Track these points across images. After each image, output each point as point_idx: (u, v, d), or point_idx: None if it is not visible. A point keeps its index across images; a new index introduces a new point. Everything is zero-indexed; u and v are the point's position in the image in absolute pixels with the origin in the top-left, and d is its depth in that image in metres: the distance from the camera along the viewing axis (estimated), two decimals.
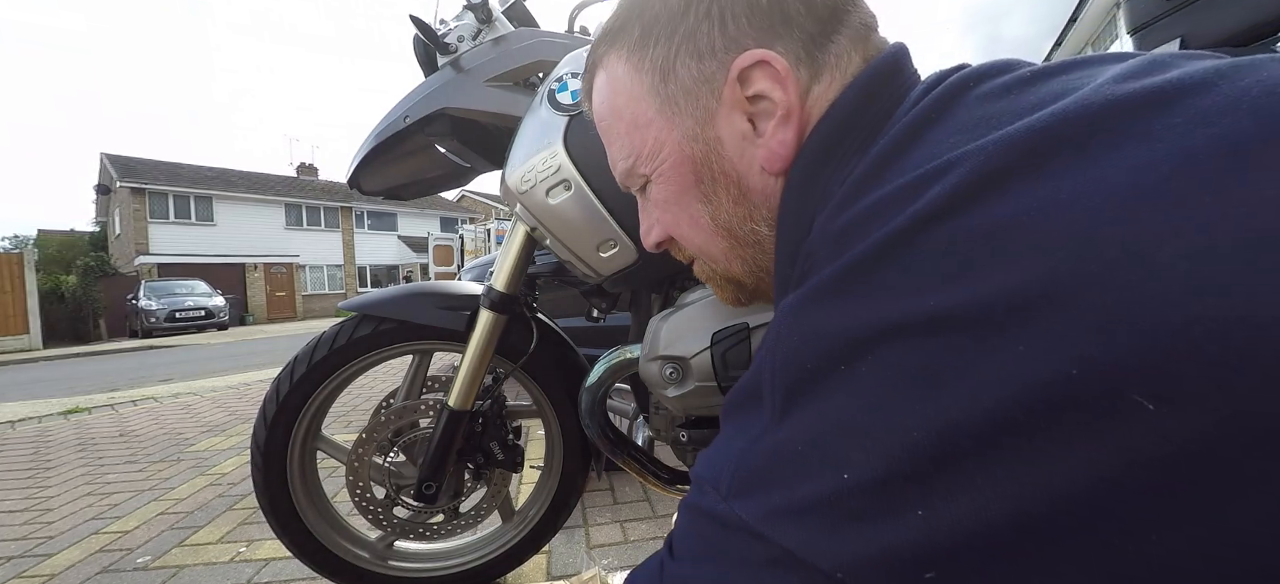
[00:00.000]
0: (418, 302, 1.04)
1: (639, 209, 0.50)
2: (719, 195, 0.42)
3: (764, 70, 0.38)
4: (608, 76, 0.45)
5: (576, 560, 1.39)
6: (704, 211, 0.43)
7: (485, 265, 3.38)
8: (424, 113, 0.99)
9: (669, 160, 0.43)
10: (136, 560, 1.53)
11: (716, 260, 0.46)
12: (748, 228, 0.42)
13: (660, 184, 0.44)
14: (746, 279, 0.46)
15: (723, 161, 0.41)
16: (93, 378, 6.63)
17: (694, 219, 0.44)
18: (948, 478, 0.23)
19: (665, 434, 1.02)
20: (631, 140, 0.44)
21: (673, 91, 0.41)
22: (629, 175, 0.46)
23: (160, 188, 20.02)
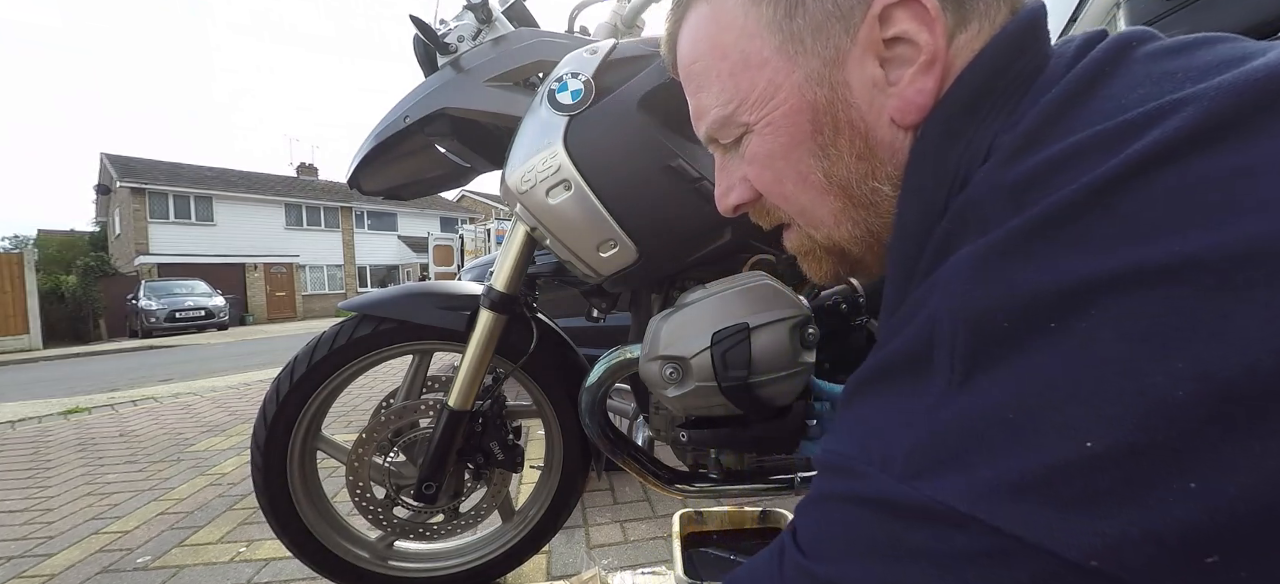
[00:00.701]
0: (418, 301, 1.04)
1: (717, 168, 0.45)
2: (840, 148, 0.38)
3: (911, 10, 0.34)
4: (711, 11, 0.41)
5: (576, 560, 1.39)
6: (817, 167, 0.39)
7: (485, 265, 3.38)
8: (424, 113, 0.99)
9: (783, 106, 0.38)
10: (136, 560, 1.53)
11: (821, 224, 0.41)
12: (867, 186, 0.38)
13: (766, 135, 0.39)
14: (852, 246, 0.41)
15: (849, 110, 0.37)
16: (93, 378, 6.63)
17: (803, 175, 0.39)
18: (1222, 441, 0.20)
19: (665, 434, 1.02)
20: (737, 83, 0.39)
21: (799, 27, 0.37)
22: (725, 125, 0.42)
23: (160, 188, 20.02)
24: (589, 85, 0.88)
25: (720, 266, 0.94)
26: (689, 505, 1.39)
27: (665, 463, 1.04)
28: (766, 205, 0.44)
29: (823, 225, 0.41)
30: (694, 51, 0.42)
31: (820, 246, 0.43)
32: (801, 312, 0.83)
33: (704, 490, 1.02)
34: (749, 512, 1.26)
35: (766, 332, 0.82)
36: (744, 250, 0.95)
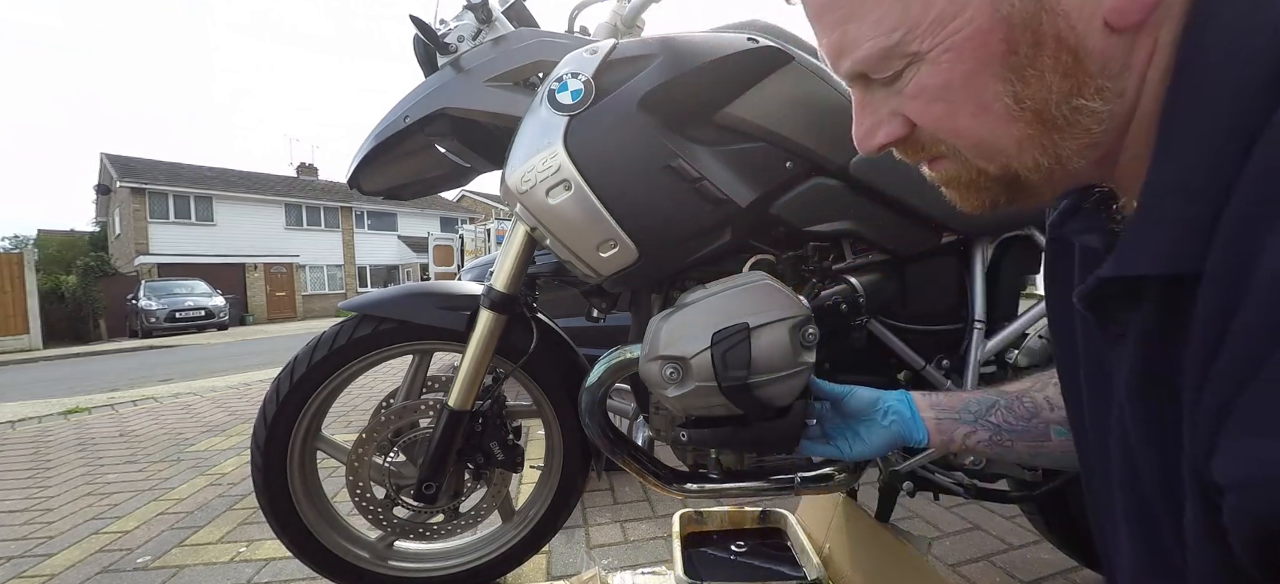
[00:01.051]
0: (418, 301, 1.04)
1: (856, 104, 0.40)
2: (1040, 67, 0.33)
3: None
4: None
5: (576, 560, 1.39)
6: (1004, 92, 0.34)
7: (485, 265, 3.38)
8: (424, 113, 0.99)
9: (968, 28, 0.33)
10: (136, 560, 1.54)
11: (996, 155, 0.36)
12: (1068, 106, 0.33)
13: (942, 63, 0.34)
14: (1032, 174, 0.36)
15: (1055, 19, 0.31)
16: (93, 378, 6.63)
17: (984, 105, 0.34)
18: None
19: (665, 434, 1.02)
20: (905, 8, 0.34)
21: None
22: (885, 57, 0.36)
23: (160, 188, 20.02)
24: (589, 85, 0.88)
25: (720, 266, 0.94)
26: (689, 505, 1.39)
27: (665, 463, 1.04)
28: (919, 139, 0.39)
29: (1000, 155, 0.36)
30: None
31: (990, 177, 0.38)
32: (801, 312, 0.83)
33: (704, 490, 1.02)
34: (749, 512, 1.26)
35: (766, 332, 0.82)
36: (744, 250, 0.95)
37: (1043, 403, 0.61)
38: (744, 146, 0.91)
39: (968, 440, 0.62)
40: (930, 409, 0.65)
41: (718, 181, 0.88)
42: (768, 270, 0.91)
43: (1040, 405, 0.61)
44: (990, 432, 0.61)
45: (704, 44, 0.91)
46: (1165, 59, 0.32)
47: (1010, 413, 0.61)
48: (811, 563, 1.07)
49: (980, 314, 0.95)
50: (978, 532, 1.45)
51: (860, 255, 0.97)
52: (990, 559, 1.32)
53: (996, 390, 0.63)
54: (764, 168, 0.91)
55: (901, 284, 0.98)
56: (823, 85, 0.95)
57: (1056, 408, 0.59)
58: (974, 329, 0.95)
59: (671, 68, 0.88)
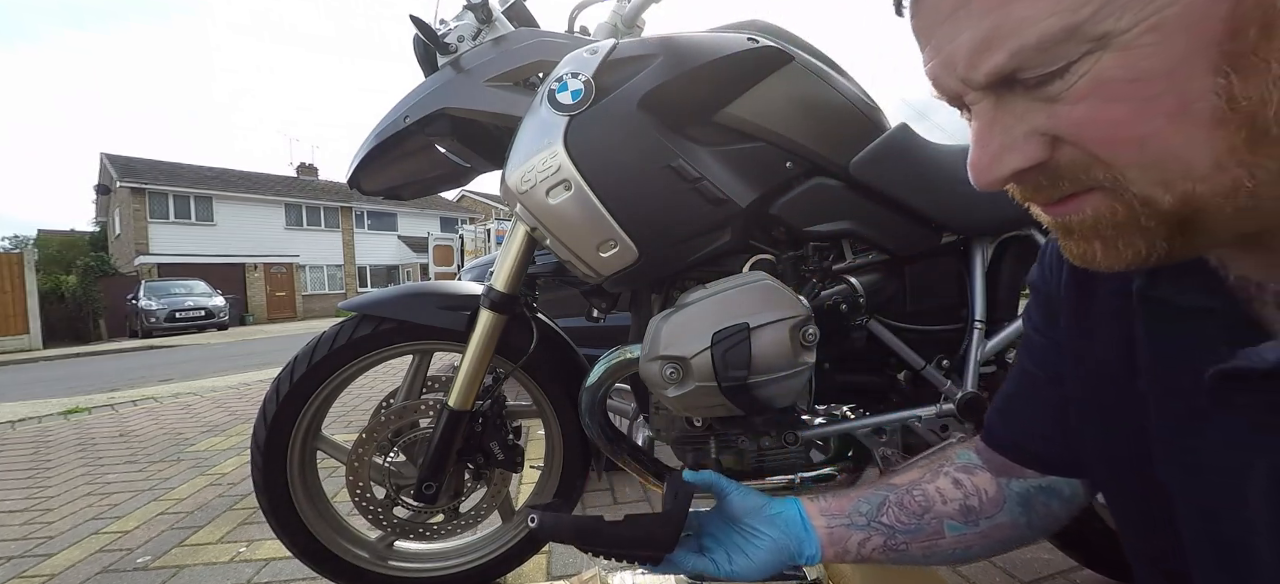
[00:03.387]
0: (418, 301, 1.04)
1: (979, 126, 0.32)
2: (1268, 58, 0.25)
3: None
4: None
5: (576, 560, 1.39)
6: (1213, 89, 0.26)
7: (485, 265, 3.38)
8: (424, 113, 0.99)
9: (1179, 4, 0.26)
10: (136, 560, 1.54)
11: (1182, 177, 0.28)
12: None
13: (1141, 46, 0.27)
14: (1217, 204, 0.28)
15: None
16: (93, 378, 6.63)
17: (1186, 104, 0.27)
18: None
19: (665, 434, 1.03)
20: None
21: None
22: (1064, 39, 0.28)
23: (160, 188, 20.03)
24: (589, 85, 0.88)
25: (720, 266, 0.94)
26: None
27: (665, 463, 1.04)
28: (1060, 166, 0.31)
29: (1187, 178, 0.28)
30: None
31: (1156, 213, 0.29)
32: (802, 311, 0.83)
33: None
34: None
35: (767, 332, 0.82)
36: (744, 250, 0.95)
37: (934, 495, 0.55)
38: (744, 147, 0.91)
39: (863, 548, 0.54)
40: (821, 516, 0.56)
41: (718, 182, 0.88)
42: (768, 270, 0.92)
43: (932, 499, 0.55)
44: (884, 535, 0.54)
45: (704, 44, 0.91)
46: None
47: (902, 511, 0.55)
48: None
49: (980, 314, 0.95)
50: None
51: (860, 255, 0.97)
52: (990, 559, 1.32)
53: (886, 484, 0.57)
54: (764, 168, 0.91)
55: (902, 284, 0.98)
56: (823, 85, 0.95)
57: (949, 500, 0.54)
58: (974, 329, 0.95)
59: (671, 68, 0.88)
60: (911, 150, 0.95)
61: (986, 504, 0.54)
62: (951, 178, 0.94)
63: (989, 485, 0.54)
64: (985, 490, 0.54)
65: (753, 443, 1.00)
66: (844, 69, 1.01)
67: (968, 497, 0.54)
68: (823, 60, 0.98)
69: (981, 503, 0.54)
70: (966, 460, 0.57)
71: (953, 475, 0.56)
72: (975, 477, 0.55)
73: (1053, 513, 0.54)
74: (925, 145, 0.97)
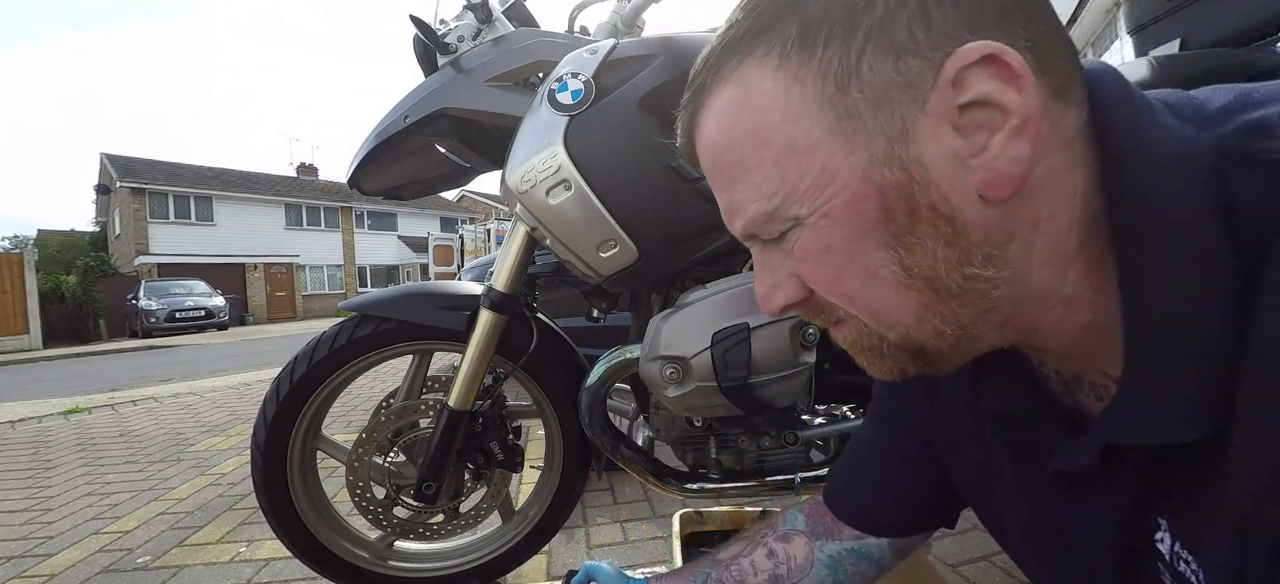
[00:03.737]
0: (418, 301, 1.04)
1: (756, 263, 0.40)
2: (919, 235, 0.32)
3: (993, 68, 0.30)
4: (742, 94, 0.35)
5: (576, 560, 1.39)
6: (889, 259, 0.33)
7: (485, 265, 3.38)
8: (424, 113, 0.99)
9: (843, 194, 0.33)
10: (136, 560, 1.54)
11: (896, 324, 0.35)
12: (959, 274, 0.32)
13: (821, 228, 0.34)
14: (936, 343, 0.35)
15: (927, 190, 0.31)
16: (93, 378, 6.63)
17: (871, 271, 0.34)
18: None
19: (665, 434, 1.03)
20: (783, 173, 0.34)
21: (855, 102, 0.32)
22: (768, 220, 0.36)
23: (160, 188, 20.02)
24: (589, 85, 0.88)
25: (720, 266, 0.94)
26: (689, 505, 1.39)
27: (665, 463, 1.04)
28: (820, 303, 0.38)
29: (899, 325, 0.35)
30: (724, 141, 0.36)
31: (893, 345, 0.37)
32: None
33: (704, 490, 1.02)
34: (749, 512, 1.26)
35: (767, 332, 0.82)
36: (744, 250, 0.95)
37: (748, 568, 0.59)
38: None
39: None
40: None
41: None
42: None
43: (746, 572, 0.59)
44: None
45: (704, 44, 0.91)
46: (1070, 218, 0.32)
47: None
48: None
49: None
50: (978, 531, 1.45)
51: None
52: (990, 559, 1.32)
53: (711, 560, 0.62)
54: None
55: None
56: None
57: (760, 571, 0.59)
58: None
59: (671, 68, 0.88)
60: None
61: (794, 571, 0.58)
62: None
63: (800, 551, 0.59)
64: (795, 557, 0.59)
65: (753, 443, 1.00)
66: None
67: (777, 566, 0.58)
68: None
69: (790, 570, 0.58)
70: (789, 526, 0.61)
71: (769, 545, 0.60)
72: (790, 543, 0.59)
73: (862, 573, 0.58)
74: None
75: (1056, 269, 0.32)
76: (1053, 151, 0.31)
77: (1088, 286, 0.33)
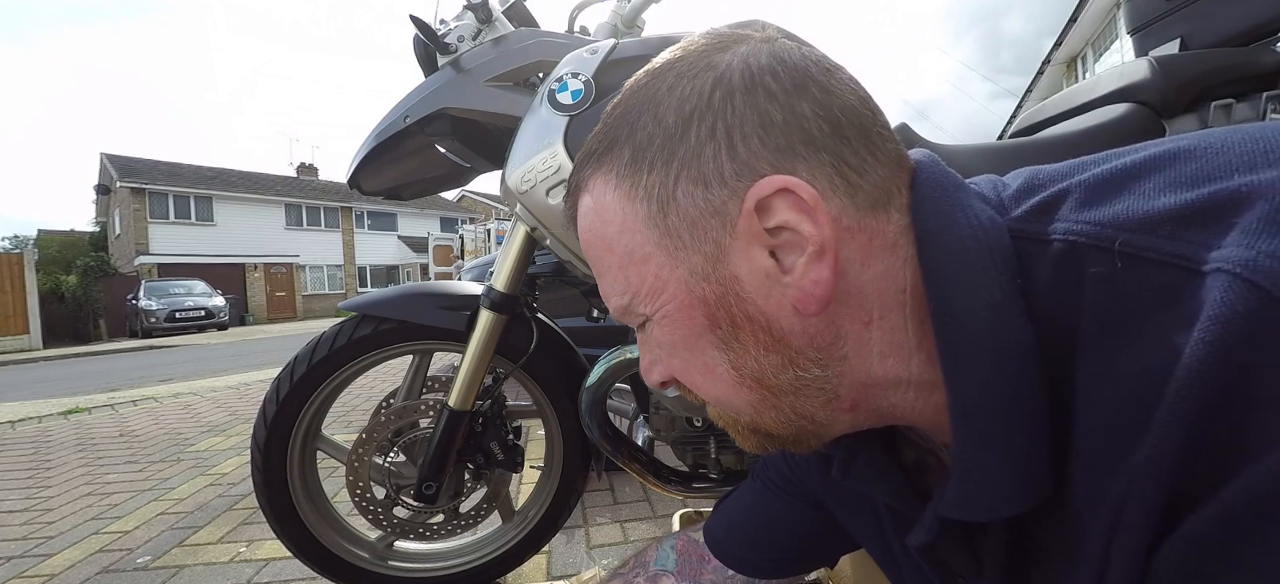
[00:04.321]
0: (418, 301, 1.04)
1: (638, 341, 0.43)
2: (743, 341, 0.35)
3: (788, 200, 0.32)
4: (593, 202, 0.38)
5: (576, 560, 1.39)
6: (721, 359, 0.36)
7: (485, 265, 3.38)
8: (424, 113, 0.99)
9: (674, 301, 0.36)
10: (136, 560, 1.54)
11: (738, 412, 0.39)
12: (787, 375, 0.35)
13: (663, 326, 0.37)
14: (780, 429, 0.38)
15: (743, 303, 0.34)
16: (93, 378, 6.63)
17: (708, 367, 0.37)
18: None
19: (665, 434, 1.03)
20: (626, 276, 0.37)
21: (674, 224, 0.34)
22: (626, 313, 0.39)
23: (160, 188, 20.03)
24: (589, 85, 0.88)
25: None
26: (689, 505, 1.39)
27: (665, 463, 1.04)
28: None
29: (744, 414, 0.38)
30: (586, 239, 0.40)
31: (745, 426, 0.40)
32: None
33: (704, 490, 1.02)
34: None
35: None
36: None
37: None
38: None
39: None
40: None
41: None
42: None
43: None
44: None
45: None
46: (902, 313, 0.33)
47: None
48: None
49: None
50: None
51: None
52: None
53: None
54: None
55: None
56: None
57: None
58: None
59: None
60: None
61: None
62: None
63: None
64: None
65: None
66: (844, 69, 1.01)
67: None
68: None
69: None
70: (660, 566, 0.62)
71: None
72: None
73: None
74: (924, 145, 0.97)
75: (898, 358, 0.34)
76: (875, 257, 0.33)
77: (933, 371, 0.33)
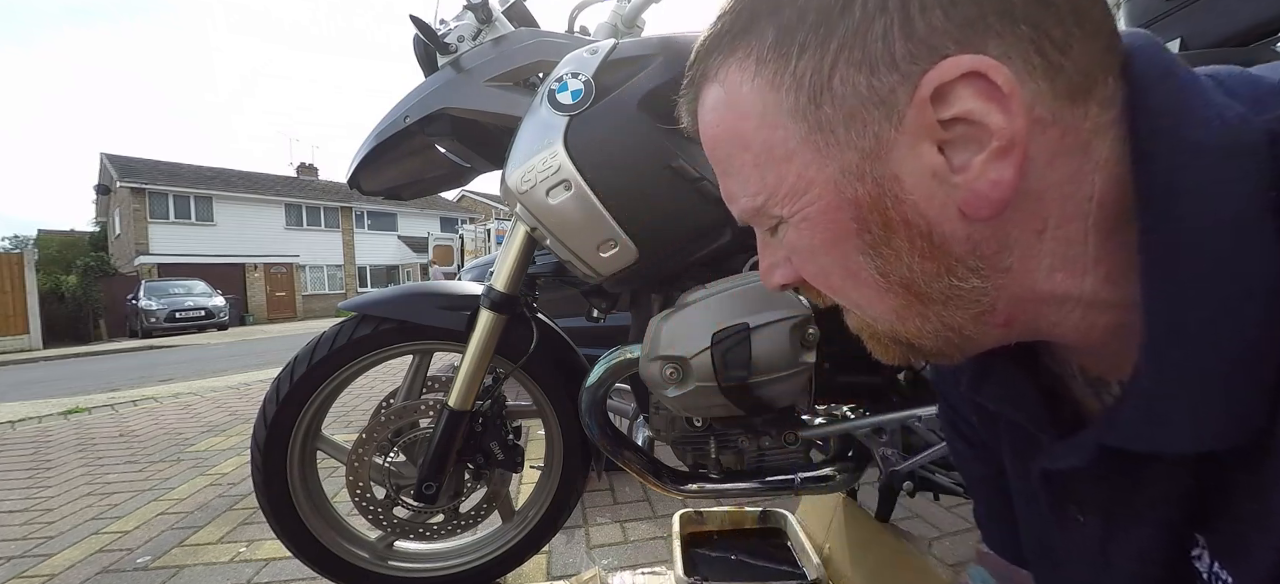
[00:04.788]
0: (418, 301, 1.04)
1: (758, 243, 0.40)
2: (895, 246, 0.32)
3: (976, 85, 0.27)
4: (725, 94, 0.34)
5: (576, 560, 1.39)
6: (868, 264, 0.33)
7: (485, 265, 3.38)
8: (424, 113, 0.99)
9: (818, 203, 0.32)
10: (136, 560, 1.53)
11: (881, 319, 0.35)
12: (940, 284, 0.32)
13: (802, 230, 0.34)
14: (925, 341, 0.35)
15: (902, 206, 0.30)
16: (93, 378, 6.63)
17: (852, 272, 0.34)
18: None
19: (665, 434, 1.02)
20: (762, 177, 0.34)
21: (827, 116, 0.30)
22: (756, 214, 0.36)
23: (160, 188, 20.02)
24: (589, 85, 0.88)
25: (720, 266, 0.94)
26: (689, 505, 1.39)
27: (665, 463, 1.04)
28: (815, 287, 0.38)
29: (883, 320, 0.35)
30: (712, 137, 0.37)
31: (885, 336, 0.37)
32: (802, 311, 0.83)
33: (704, 490, 1.02)
34: (749, 512, 1.26)
35: (767, 332, 0.82)
36: (744, 250, 0.95)
37: None
38: None
39: None
40: None
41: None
42: None
43: None
44: None
45: None
46: (1084, 224, 0.30)
47: None
48: (811, 563, 1.07)
49: None
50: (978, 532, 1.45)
51: None
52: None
53: None
54: None
55: None
56: None
57: None
58: None
59: (672, 67, 0.88)
60: None
61: None
62: None
63: None
64: None
65: (753, 443, 1.00)
66: None
67: None
68: None
69: None
70: (980, 578, 0.57)
71: None
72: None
73: None
74: None
75: (1071, 274, 0.30)
76: (1063, 157, 0.28)
77: (1112, 291, 0.30)
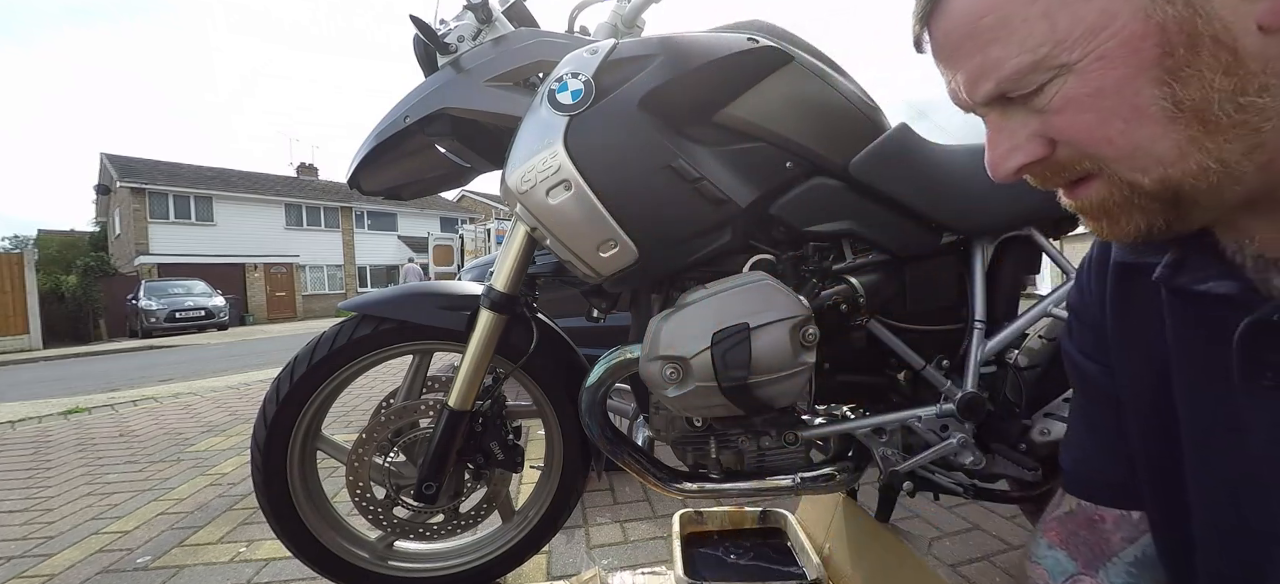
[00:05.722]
0: (418, 301, 1.04)
1: (991, 130, 0.41)
2: (1198, 67, 0.32)
3: None
4: None
5: (576, 560, 1.39)
6: (1162, 96, 0.33)
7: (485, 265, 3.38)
8: (424, 113, 0.99)
9: (1120, 34, 0.33)
10: (136, 560, 1.54)
11: (1156, 163, 0.35)
12: (1232, 105, 0.33)
13: (1092, 72, 0.34)
14: (1195, 182, 0.35)
15: (1210, 22, 0.32)
16: (93, 378, 6.63)
17: (1139, 109, 0.34)
18: None
19: (665, 434, 1.03)
20: (1052, 23, 0.34)
21: None
22: (1031, 72, 0.36)
23: (160, 188, 20.03)
24: (589, 85, 0.88)
25: (720, 267, 0.94)
26: (689, 505, 1.39)
27: (665, 463, 1.04)
28: (1060, 159, 0.39)
29: (1159, 164, 0.35)
30: (983, 5, 0.37)
31: (1144, 193, 0.36)
32: (802, 312, 0.83)
33: (704, 490, 1.02)
34: (749, 512, 1.26)
35: (767, 332, 0.82)
36: (744, 250, 0.95)
37: None
38: (744, 147, 0.91)
39: None
40: None
41: (718, 182, 0.88)
42: (768, 270, 0.92)
43: None
44: None
45: (704, 44, 0.91)
46: None
47: None
48: (811, 563, 1.07)
49: (980, 314, 0.95)
50: (978, 532, 1.45)
51: (860, 255, 0.97)
52: (990, 559, 1.32)
53: None
54: (764, 168, 0.91)
55: (901, 284, 0.98)
56: (823, 86, 0.94)
57: None
58: (974, 329, 0.95)
59: (671, 68, 0.88)
60: (911, 150, 0.95)
61: None
62: (951, 178, 0.94)
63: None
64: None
65: (753, 443, 1.00)
66: (844, 69, 1.01)
67: None
68: (823, 60, 0.98)
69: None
70: (1053, 565, 0.54)
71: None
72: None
73: None
74: (925, 145, 0.97)
75: None
76: None
77: None
